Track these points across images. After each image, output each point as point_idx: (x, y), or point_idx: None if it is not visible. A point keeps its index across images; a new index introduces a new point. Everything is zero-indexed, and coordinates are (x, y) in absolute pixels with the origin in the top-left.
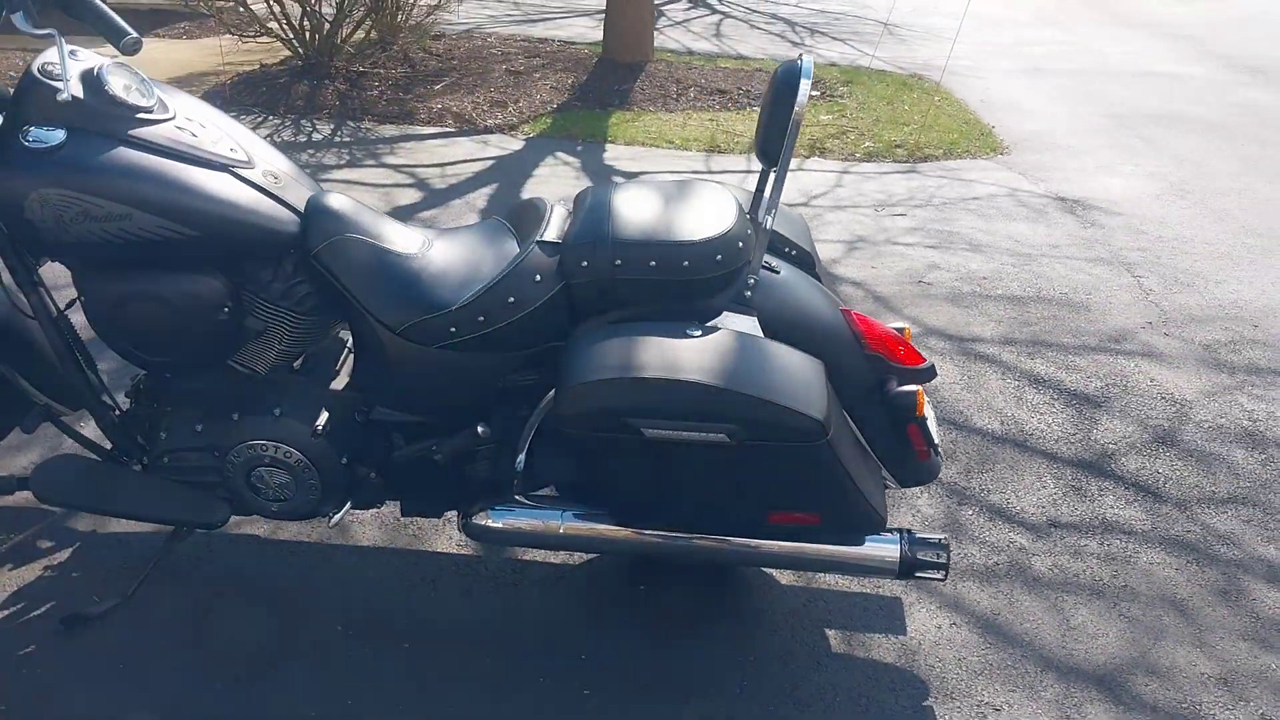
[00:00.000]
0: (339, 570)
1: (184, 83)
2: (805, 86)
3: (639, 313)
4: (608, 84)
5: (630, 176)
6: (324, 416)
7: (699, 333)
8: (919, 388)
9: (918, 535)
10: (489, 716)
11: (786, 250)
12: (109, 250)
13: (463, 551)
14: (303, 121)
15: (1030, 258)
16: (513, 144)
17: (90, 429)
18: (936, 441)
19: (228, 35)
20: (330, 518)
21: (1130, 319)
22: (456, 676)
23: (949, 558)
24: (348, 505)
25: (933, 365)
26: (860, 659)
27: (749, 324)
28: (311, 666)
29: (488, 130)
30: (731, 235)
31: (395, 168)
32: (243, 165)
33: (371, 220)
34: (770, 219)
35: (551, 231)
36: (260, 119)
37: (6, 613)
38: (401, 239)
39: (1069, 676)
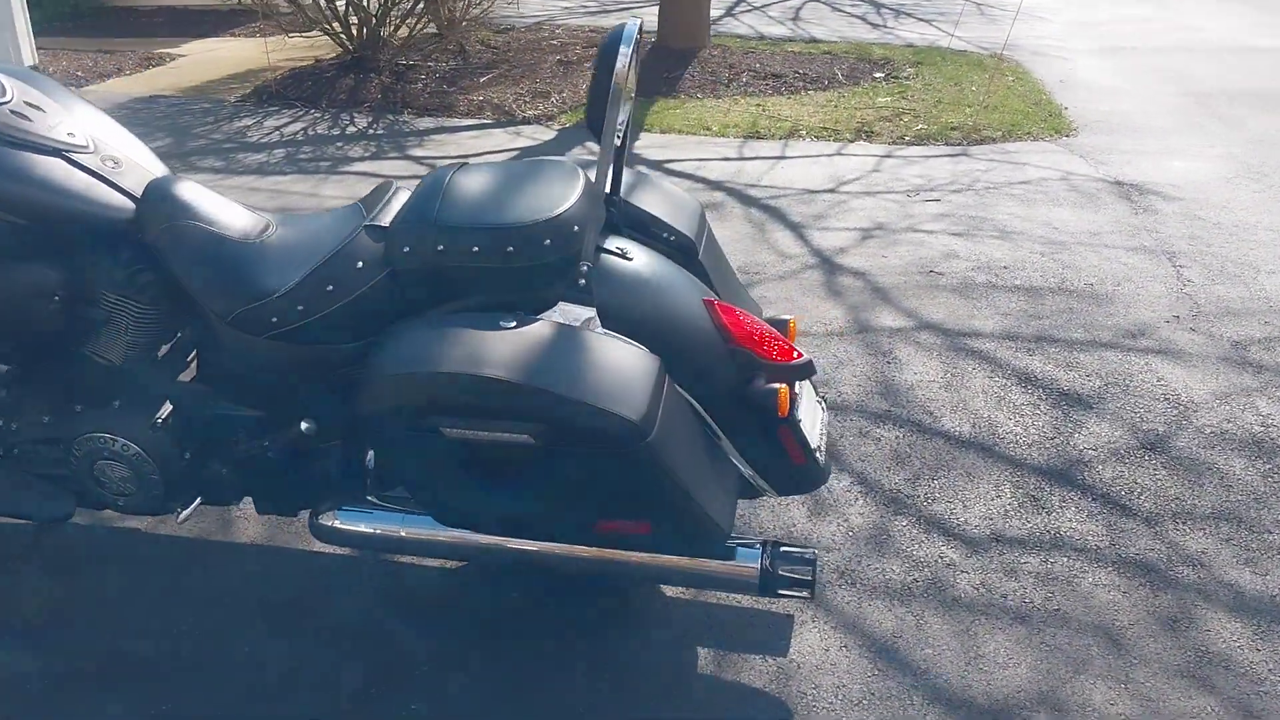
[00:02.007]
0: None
1: (240, 79)
2: (624, 53)
3: (473, 304)
4: (658, 71)
5: (655, 165)
6: (166, 409)
7: (513, 324)
8: (782, 386)
9: (783, 548)
10: None
11: (664, 235)
12: None
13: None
14: (342, 115)
15: (1063, 246)
16: (545, 135)
17: None
18: (816, 445)
19: (279, 33)
20: (179, 514)
21: (1155, 312)
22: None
23: (815, 574)
24: (197, 501)
25: (808, 362)
26: (727, 682)
27: (584, 316)
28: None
29: (525, 121)
30: (564, 219)
31: (418, 159)
32: (78, 150)
33: (212, 206)
34: (613, 198)
35: (385, 215)
36: (301, 113)
37: None
38: (242, 224)
39: (956, 712)
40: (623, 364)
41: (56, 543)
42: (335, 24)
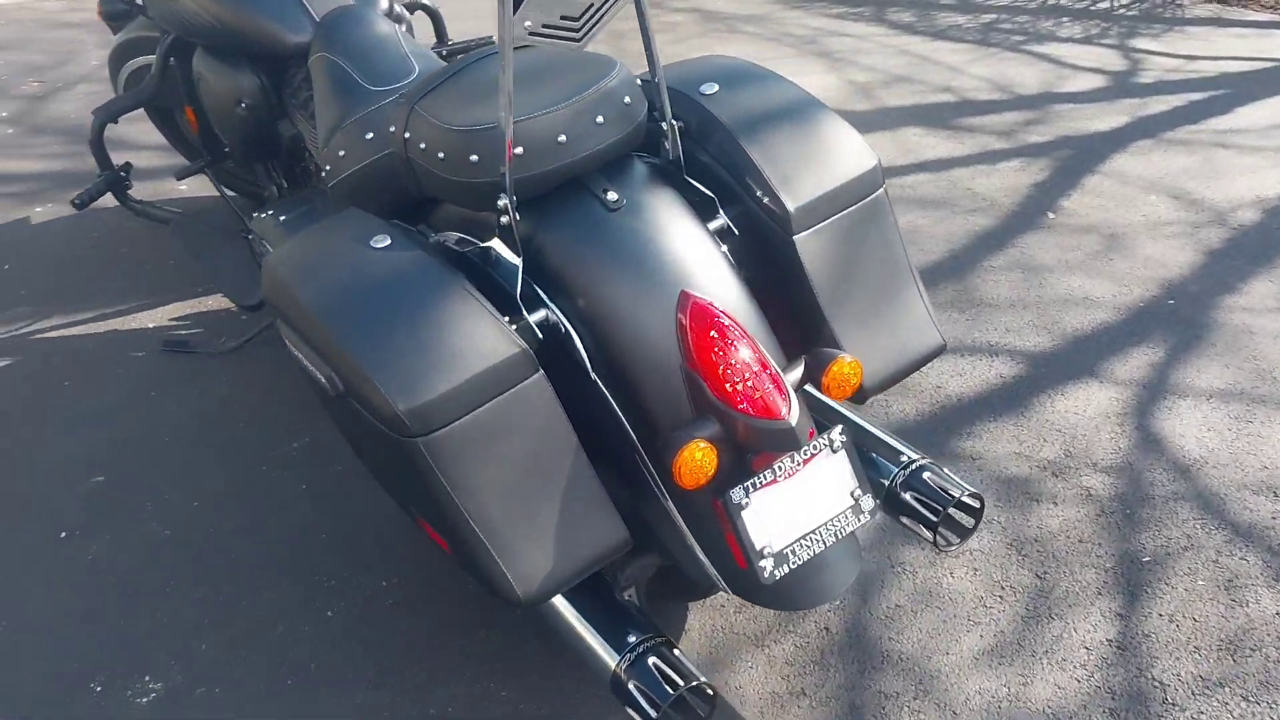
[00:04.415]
0: None
1: None
2: None
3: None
4: None
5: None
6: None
7: (383, 245)
8: (697, 443)
9: (663, 654)
10: None
11: (754, 195)
12: (183, 28)
13: None
14: None
15: None
16: None
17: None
18: (761, 548)
19: None
20: None
21: None
22: None
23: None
24: None
25: (789, 430)
26: None
27: (505, 266)
28: None
29: None
30: (496, 134)
31: (1130, 53)
32: None
33: (367, 45)
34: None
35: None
36: None
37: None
38: (382, 69)
39: None
40: (455, 341)
41: None
42: None
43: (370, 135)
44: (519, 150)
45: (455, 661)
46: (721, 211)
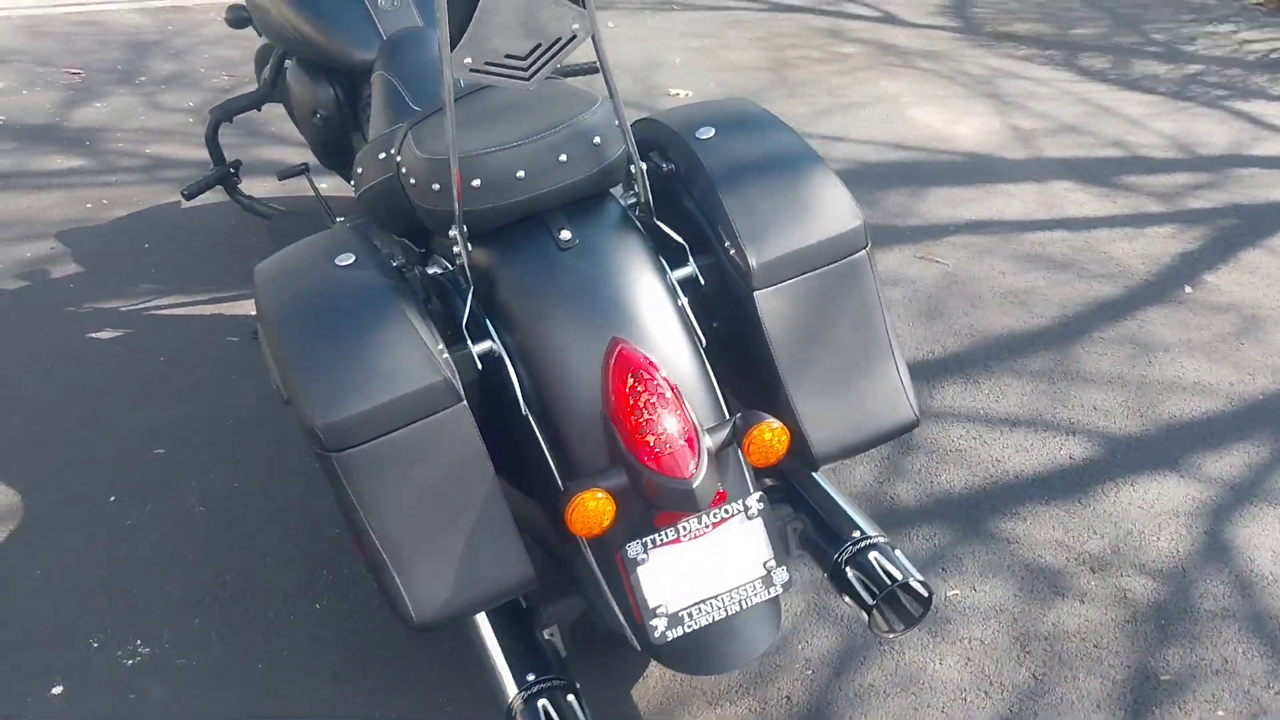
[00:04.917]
0: None
1: None
2: None
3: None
4: None
5: None
6: None
7: (346, 263)
8: (591, 490)
9: (546, 688)
10: None
11: (722, 245)
12: (277, 39)
13: None
14: None
15: None
16: None
17: None
18: (655, 607)
19: None
20: None
21: None
22: None
23: None
24: None
25: (689, 492)
26: None
27: (461, 295)
28: None
29: None
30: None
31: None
32: None
33: (427, 65)
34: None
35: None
36: None
37: None
38: (434, 88)
39: None
40: (382, 363)
41: None
42: None
43: (383, 155)
44: (476, 183)
45: (418, 670)
46: (692, 260)
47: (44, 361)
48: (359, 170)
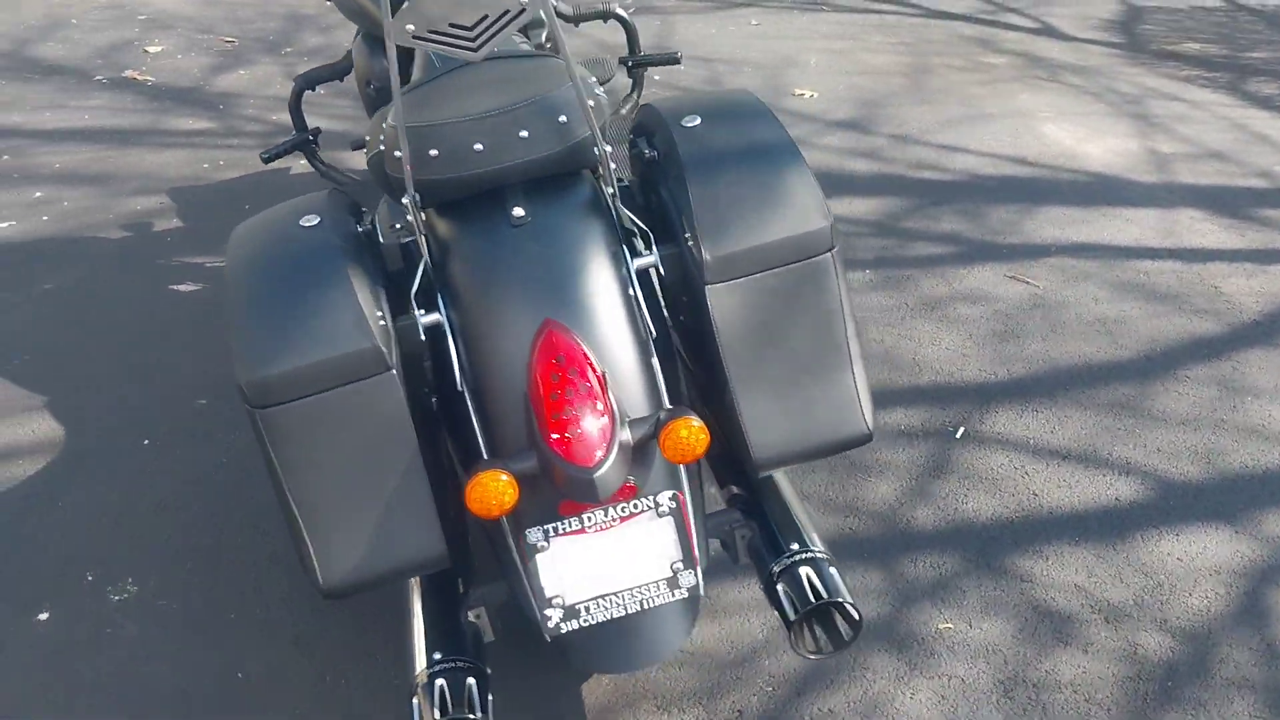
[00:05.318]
0: None
1: None
2: None
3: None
4: None
5: None
6: None
7: (312, 223)
8: (493, 470)
9: (449, 668)
10: None
11: (682, 236)
12: (340, 8)
13: None
14: None
15: None
16: None
17: None
18: (551, 597)
19: None
20: None
21: None
22: None
23: None
24: None
25: (590, 481)
26: None
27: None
28: None
29: None
30: (425, 132)
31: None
32: None
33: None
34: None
35: None
36: None
37: None
38: None
39: None
40: (314, 325)
41: None
42: None
43: (385, 123)
44: (433, 152)
45: (377, 641)
46: (655, 249)
47: (123, 308)
48: (367, 137)
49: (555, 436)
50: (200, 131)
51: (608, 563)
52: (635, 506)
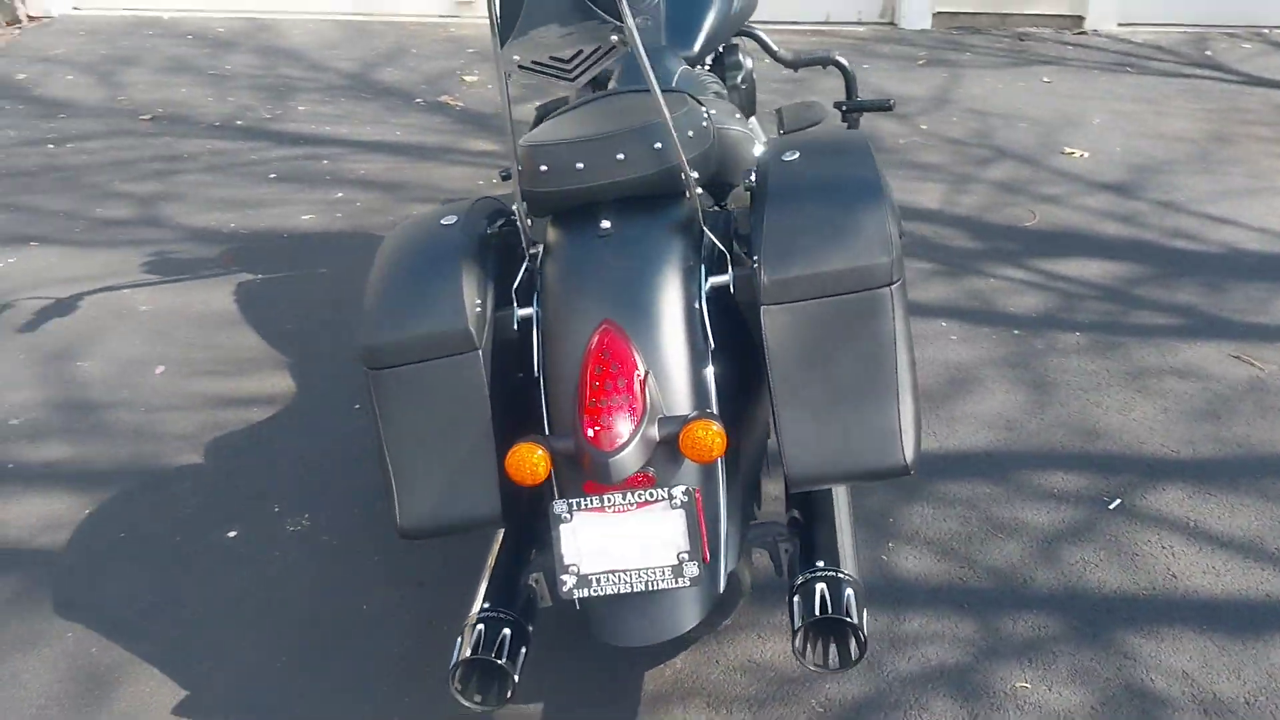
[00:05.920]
0: None
1: None
2: None
3: None
4: None
5: None
6: None
7: (450, 222)
8: (531, 443)
9: (493, 618)
10: None
11: (747, 256)
12: None
13: None
14: None
15: None
16: None
17: None
18: (569, 564)
19: None
20: None
21: None
22: None
23: None
24: None
25: (605, 465)
26: None
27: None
28: None
29: None
30: (540, 151)
31: None
32: None
33: None
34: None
35: None
36: None
37: None
38: None
39: None
40: (421, 306)
41: None
42: None
43: (519, 144)
44: (543, 168)
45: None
46: (731, 270)
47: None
48: None
49: (588, 422)
50: (486, 152)
51: (621, 542)
52: (651, 495)
